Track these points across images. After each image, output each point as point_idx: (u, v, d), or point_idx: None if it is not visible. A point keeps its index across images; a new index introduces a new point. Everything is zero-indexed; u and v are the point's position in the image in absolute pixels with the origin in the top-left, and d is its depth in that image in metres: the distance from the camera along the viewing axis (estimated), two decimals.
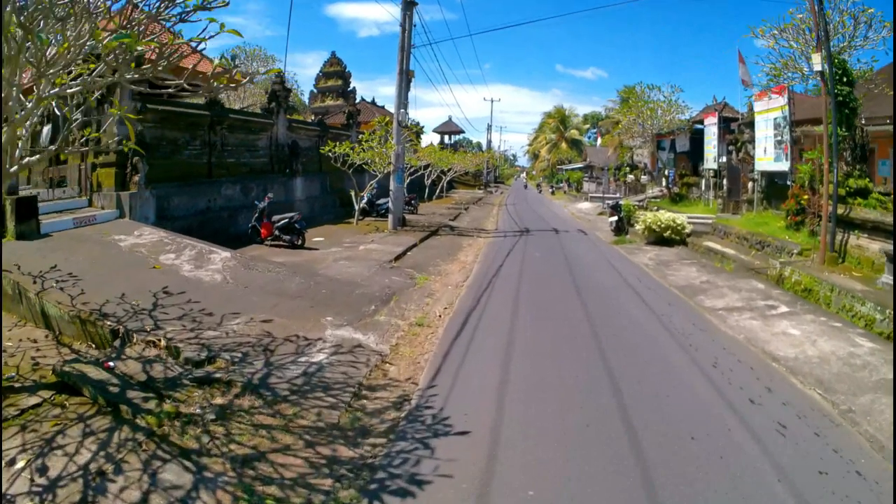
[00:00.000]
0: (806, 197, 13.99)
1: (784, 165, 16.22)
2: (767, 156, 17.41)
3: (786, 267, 11.32)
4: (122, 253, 10.06)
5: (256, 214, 14.34)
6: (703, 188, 24.75)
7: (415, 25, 18.88)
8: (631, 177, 35.91)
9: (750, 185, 19.57)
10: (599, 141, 57.00)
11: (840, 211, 11.75)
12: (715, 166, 22.17)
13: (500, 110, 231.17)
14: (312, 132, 22.29)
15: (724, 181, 21.66)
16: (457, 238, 17.14)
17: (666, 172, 28.23)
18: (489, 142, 67.40)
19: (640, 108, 24.19)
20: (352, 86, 52.89)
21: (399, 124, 17.49)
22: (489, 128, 67.02)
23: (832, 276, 10.38)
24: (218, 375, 5.79)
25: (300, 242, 13.82)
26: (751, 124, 20.18)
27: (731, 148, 21.91)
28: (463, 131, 62.93)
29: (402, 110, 17.57)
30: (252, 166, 18.05)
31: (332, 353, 6.33)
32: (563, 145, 69.63)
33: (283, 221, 13.90)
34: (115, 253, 10.01)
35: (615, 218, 18.32)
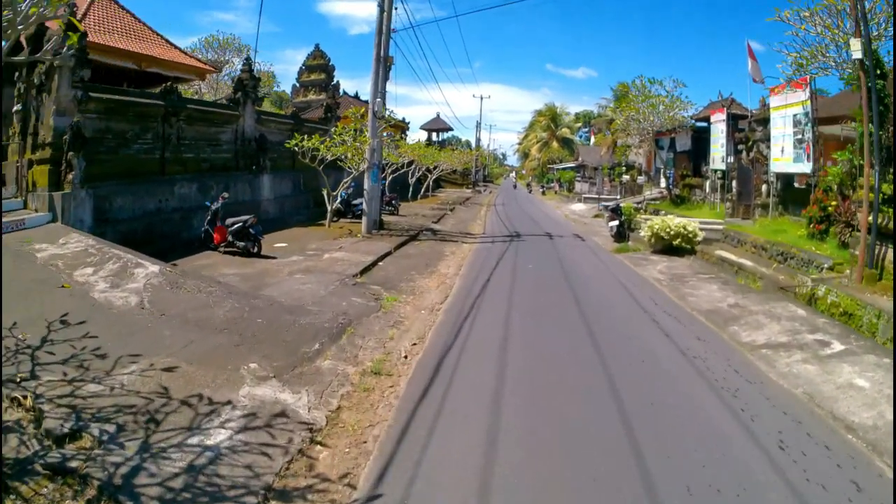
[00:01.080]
0: (834, 203, 12.26)
1: (805, 167, 14.52)
2: (785, 156, 15.71)
3: (819, 285, 9.57)
4: (35, 267, 8.14)
5: (209, 217, 12.39)
6: (706, 190, 23.06)
7: (396, 8, 16.96)
8: (626, 177, 34.24)
9: (764, 187, 17.87)
10: (593, 140, 55.31)
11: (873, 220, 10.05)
12: (723, 167, 20.48)
13: (490, 109, 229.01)
14: (285, 126, 20.25)
15: (734, 183, 19.95)
16: (438, 244, 15.23)
17: (666, 173, 26.54)
18: (478, 140, 65.56)
19: (641, 104, 22.40)
20: (335, 80, 50.91)
21: (375, 116, 15.55)
22: (478, 125, 65.16)
23: (875, 297, 8.65)
24: (75, 464, 3.91)
25: (255, 250, 11.87)
26: (764, 121, 18.54)
27: (740, 147, 20.23)
28: (451, 128, 61.10)
29: (379, 100, 15.62)
30: (213, 162, 16.04)
31: (239, 430, 4.40)
32: (555, 144, 67.89)
33: (236, 226, 11.93)
34: (27, 267, 8.08)
35: (616, 223, 16.53)
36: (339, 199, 18.21)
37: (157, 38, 19.78)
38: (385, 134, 17.39)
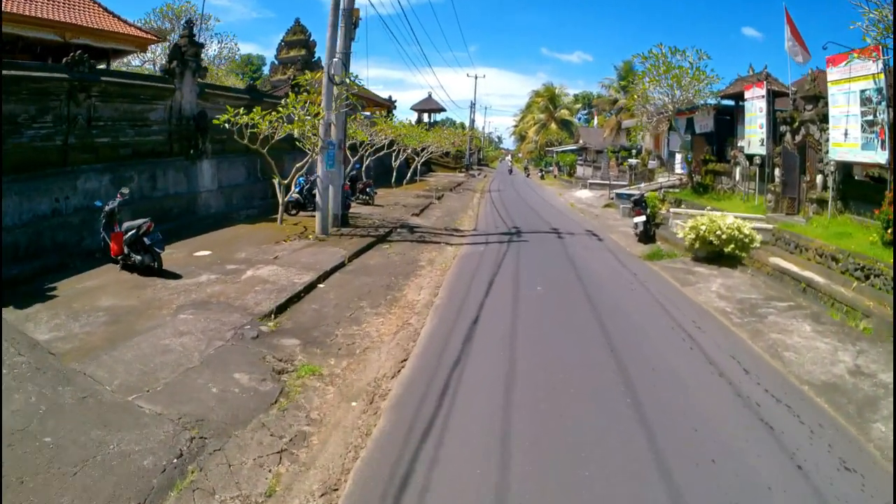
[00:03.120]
0: None
1: (879, 156, 11.16)
2: (850, 141, 12.29)
3: None
4: None
5: (103, 221, 8.91)
6: (736, 178, 19.55)
7: None
8: (635, 161, 30.67)
9: (819, 178, 14.40)
10: (596, 121, 51.54)
11: None
12: (761, 151, 16.96)
13: (485, 93, 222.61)
14: (239, 101, 16.42)
15: (777, 171, 16.47)
16: (414, 248, 11.69)
17: (687, 157, 23.02)
18: (472, 121, 61.41)
19: (663, 75, 18.74)
20: (317, 56, 46.90)
21: (331, 81, 11.91)
22: (472, 106, 60.89)
23: None
24: None
25: (155, 265, 8.35)
26: (814, 98, 15.09)
27: (783, 129, 16.72)
28: (444, 109, 56.94)
29: (337, 60, 11.98)
30: (138, 147, 12.39)
31: None
32: (553, 126, 63.91)
33: (130, 233, 8.41)
34: None
35: (642, 219, 13.04)
36: (296, 189, 14.65)
37: (94, 6, 16.16)
38: (350, 108, 13.69)
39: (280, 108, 12.10)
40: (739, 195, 18.93)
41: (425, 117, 53.72)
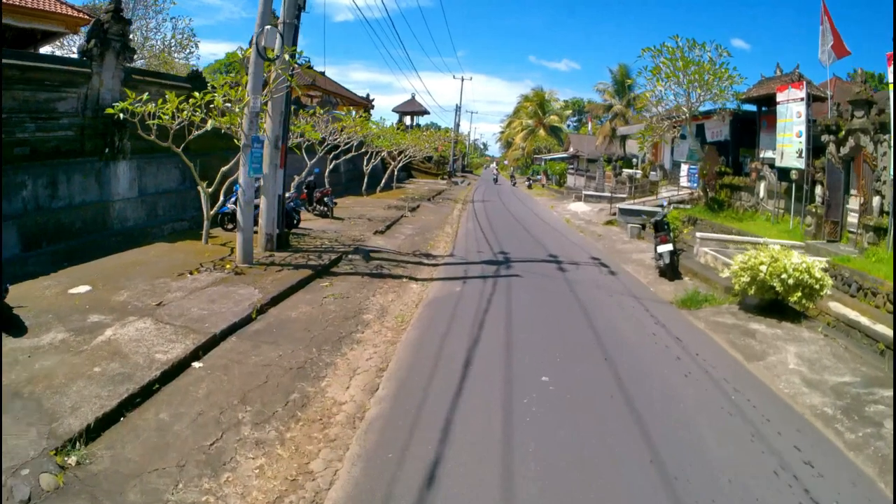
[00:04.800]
0: None
1: None
2: None
3: None
4: None
5: None
6: (759, 194, 16.84)
7: None
8: (635, 172, 27.98)
9: (875, 200, 11.74)
10: (591, 127, 48.84)
11: None
12: (798, 164, 14.26)
13: (472, 99, 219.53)
14: (178, 90, 13.20)
15: (818, 189, 13.75)
16: (366, 285, 8.62)
17: (691, 168, 20.28)
18: (457, 125, 58.43)
19: (682, 71, 15.84)
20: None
21: (259, 55, 8.84)
22: (458, 109, 57.86)
23: None
24: None
25: None
26: (866, 104, 12.48)
27: (826, 139, 14.05)
28: (428, 112, 53.92)
29: (270, 28, 8.90)
30: (39, 145, 9.30)
31: None
32: (542, 132, 61.26)
33: None
34: None
35: (667, 248, 10.13)
36: (232, 198, 11.59)
37: None
38: (289, 93, 10.61)
39: (196, 96, 8.97)
40: (766, 215, 16.19)
41: (407, 120, 50.72)
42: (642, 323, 7.56)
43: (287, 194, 12.81)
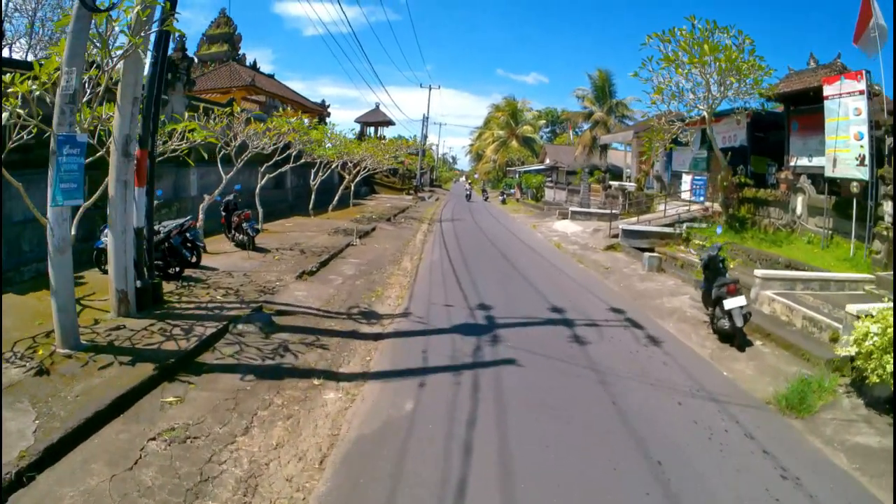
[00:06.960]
0: None
1: None
2: None
3: None
4: None
5: None
6: (797, 210, 13.54)
7: None
8: (625, 184, 24.74)
9: None
10: (572, 135, 45.81)
11: None
12: (859, 173, 11.01)
13: (440, 113, 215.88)
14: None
15: (888, 206, 10.46)
16: (242, 399, 4.77)
17: (695, 179, 17.04)
18: (425, 136, 54.81)
19: (709, 56, 12.44)
20: (242, 53, 39.67)
21: (84, 4, 5.00)
22: (425, 119, 54.22)
23: None
24: None
25: None
26: None
27: (892, 142, 10.88)
28: (393, 123, 50.21)
29: None
30: None
31: None
32: (514, 143, 58.14)
33: None
34: None
35: (738, 302, 6.55)
36: (104, 228, 7.67)
37: None
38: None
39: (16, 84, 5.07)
40: (807, 236, 12.88)
41: (371, 131, 46.92)
42: (759, 474, 3.85)
43: (169, 224, 8.86)
